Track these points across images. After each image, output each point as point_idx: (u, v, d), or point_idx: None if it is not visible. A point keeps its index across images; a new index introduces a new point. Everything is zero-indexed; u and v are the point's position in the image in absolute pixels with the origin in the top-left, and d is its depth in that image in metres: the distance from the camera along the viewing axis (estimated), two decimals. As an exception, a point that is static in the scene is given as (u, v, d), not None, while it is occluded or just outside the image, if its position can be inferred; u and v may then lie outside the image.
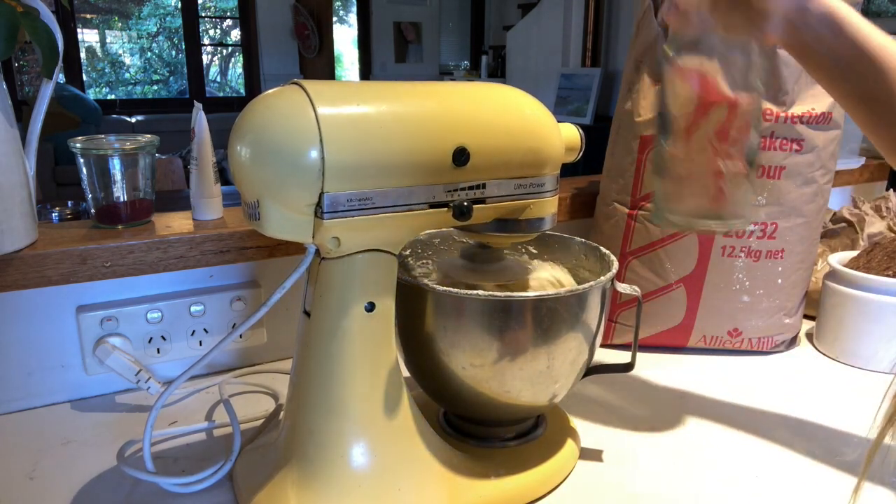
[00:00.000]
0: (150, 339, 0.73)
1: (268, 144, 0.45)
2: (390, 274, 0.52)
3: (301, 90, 0.46)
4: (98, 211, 0.71)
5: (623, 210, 0.83)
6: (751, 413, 0.73)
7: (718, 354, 0.85)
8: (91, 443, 0.66)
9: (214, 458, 0.62)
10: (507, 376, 0.56)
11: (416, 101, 0.50)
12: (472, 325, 0.54)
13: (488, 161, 0.52)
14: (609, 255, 0.62)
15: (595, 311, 0.58)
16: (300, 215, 0.47)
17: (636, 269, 0.83)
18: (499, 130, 0.53)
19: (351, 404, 0.52)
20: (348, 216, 0.48)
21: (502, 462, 0.61)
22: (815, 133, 0.80)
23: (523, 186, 0.55)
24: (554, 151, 0.57)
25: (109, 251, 0.67)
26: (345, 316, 0.51)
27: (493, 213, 0.55)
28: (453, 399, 0.61)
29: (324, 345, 0.52)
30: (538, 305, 0.54)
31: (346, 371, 0.51)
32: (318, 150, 0.45)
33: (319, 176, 0.46)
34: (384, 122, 0.48)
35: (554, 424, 0.67)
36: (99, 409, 0.72)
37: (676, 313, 0.83)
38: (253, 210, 0.48)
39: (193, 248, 0.70)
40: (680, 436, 0.68)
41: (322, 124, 0.45)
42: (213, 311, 0.75)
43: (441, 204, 0.52)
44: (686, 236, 0.80)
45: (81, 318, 0.70)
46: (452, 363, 0.56)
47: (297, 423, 0.54)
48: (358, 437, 0.53)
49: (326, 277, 0.51)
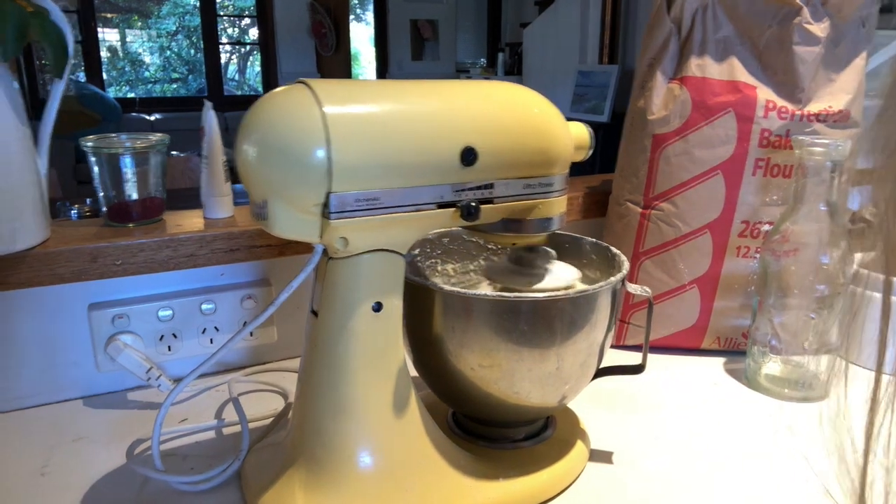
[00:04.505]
0: (161, 336, 0.73)
1: (274, 144, 0.45)
2: (398, 274, 0.52)
3: (308, 89, 0.46)
4: (109, 209, 0.71)
5: (636, 210, 0.82)
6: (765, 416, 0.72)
7: (733, 356, 0.84)
8: (102, 439, 0.66)
9: (224, 457, 0.62)
10: (516, 377, 0.55)
11: (423, 100, 0.50)
12: (480, 326, 0.54)
13: (496, 161, 0.52)
14: (620, 256, 0.62)
15: (605, 313, 0.57)
16: (307, 215, 0.47)
17: (649, 269, 0.82)
18: (507, 130, 0.52)
19: (358, 404, 0.52)
20: (356, 216, 0.47)
21: (511, 463, 0.60)
22: (833, 132, 0.78)
23: (532, 186, 0.55)
24: (563, 151, 0.56)
25: (120, 249, 0.67)
26: (352, 316, 0.51)
27: (500, 213, 0.55)
28: (462, 400, 0.61)
29: (331, 344, 0.51)
30: (547, 306, 0.53)
31: (353, 371, 0.51)
32: (325, 149, 0.45)
33: (326, 176, 0.45)
34: (391, 121, 0.48)
35: (564, 426, 0.66)
36: (111, 406, 0.72)
37: (690, 314, 0.82)
38: (260, 210, 0.48)
39: (203, 246, 0.70)
40: (691, 439, 0.67)
41: (329, 124, 0.45)
42: (223, 310, 0.76)
43: (449, 204, 0.51)
44: (700, 236, 0.79)
45: (93, 315, 0.70)
46: (461, 364, 0.56)
47: (305, 423, 0.54)
48: (365, 437, 0.52)
49: (334, 277, 0.51)
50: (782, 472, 0.62)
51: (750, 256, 0.80)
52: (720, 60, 0.78)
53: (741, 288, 0.81)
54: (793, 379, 0.77)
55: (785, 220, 0.74)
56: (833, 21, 0.77)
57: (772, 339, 0.76)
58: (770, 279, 0.75)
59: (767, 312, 0.75)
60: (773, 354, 0.77)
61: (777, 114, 0.76)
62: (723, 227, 0.79)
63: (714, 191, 0.78)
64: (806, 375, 0.76)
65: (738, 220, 0.79)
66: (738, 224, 0.79)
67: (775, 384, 0.77)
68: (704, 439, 0.67)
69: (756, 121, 0.76)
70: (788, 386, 0.76)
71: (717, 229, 0.79)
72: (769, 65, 0.78)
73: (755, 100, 0.76)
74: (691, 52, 0.78)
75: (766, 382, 0.77)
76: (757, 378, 0.78)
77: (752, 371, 0.78)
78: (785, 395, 0.76)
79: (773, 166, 0.77)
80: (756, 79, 0.77)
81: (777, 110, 0.76)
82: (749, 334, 0.78)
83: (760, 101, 0.76)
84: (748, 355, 0.79)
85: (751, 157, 0.77)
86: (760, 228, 0.79)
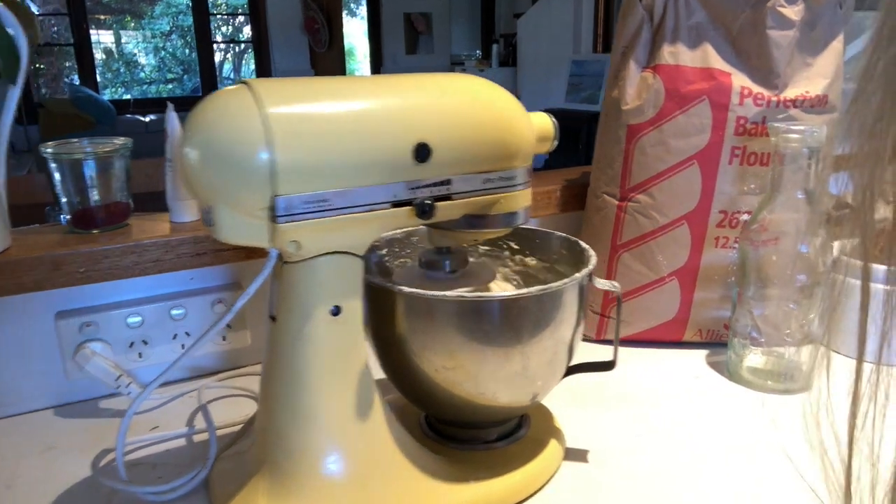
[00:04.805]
0: (131, 343, 0.72)
1: (215, 148, 0.44)
2: (355, 276, 0.51)
3: (249, 90, 0.45)
4: (73, 216, 0.70)
5: (612, 202, 0.81)
6: (746, 408, 0.70)
7: (716, 348, 0.83)
8: (72, 449, 0.65)
9: (193, 465, 0.61)
10: (482, 378, 0.54)
11: (372, 96, 0.49)
12: (442, 328, 0.53)
13: (452, 156, 0.51)
14: (588, 251, 0.60)
15: (572, 310, 0.56)
16: (254, 220, 0.46)
17: (627, 262, 0.81)
18: (462, 123, 0.51)
19: (319, 410, 0.51)
20: (305, 219, 0.46)
21: (483, 465, 0.59)
22: (811, 117, 0.77)
23: (492, 181, 0.54)
24: (523, 143, 0.55)
25: (83, 257, 0.66)
26: (309, 320, 0.49)
27: (461, 210, 0.53)
28: (430, 402, 0.60)
29: (289, 350, 0.50)
30: (509, 306, 0.52)
31: (312, 377, 0.50)
32: (268, 151, 0.44)
33: (270, 178, 0.44)
34: (338, 119, 0.46)
35: (538, 424, 0.65)
36: (82, 415, 0.71)
37: (670, 307, 0.81)
38: (207, 216, 0.46)
39: (169, 251, 0.69)
40: (671, 435, 0.66)
41: (271, 124, 0.44)
42: (194, 314, 0.75)
43: (404, 202, 0.50)
44: (678, 227, 0.78)
45: (60, 324, 0.69)
46: (425, 366, 0.55)
47: (267, 431, 0.53)
48: (328, 444, 0.51)
49: (289, 281, 0.50)
50: (764, 466, 0.61)
51: (729, 247, 0.78)
52: (693, 47, 0.76)
53: (721, 279, 0.80)
54: (775, 371, 0.75)
55: (762, 209, 0.73)
56: (808, 3, 0.75)
57: (752, 330, 0.74)
58: (749, 269, 0.73)
59: (747, 304, 0.74)
60: (755, 346, 0.75)
61: (753, 100, 0.75)
62: (700, 218, 0.77)
63: (690, 181, 0.76)
64: (788, 367, 0.75)
65: (716, 211, 0.77)
66: (716, 214, 0.77)
67: (757, 376, 0.75)
68: (684, 435, 0.66)
69: (731, 108, 0.75)
70: (771, 378, 0.75)
71: (695, 220, 0.78)
72: (743, 50, 0.76)
73: (730, 87, 0.75)
74: (664, 40, 0.76)
75: (748, 375, 0.76)
76: (739, 371, 0.76)
77: (734, 364, 0.77)
78: (767, 387, 0.74)
79: (749, 154, 0.76)
80: (730, 65, 0.76)
81: (753, 97, 0.75)
82: (730, 326, 0.77)
83: (735, 88, 0.75)
84: (729, 347, 0.77)
85: (727, 146, 0.75)
86: (739, 218, 0.78)
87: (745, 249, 0.73)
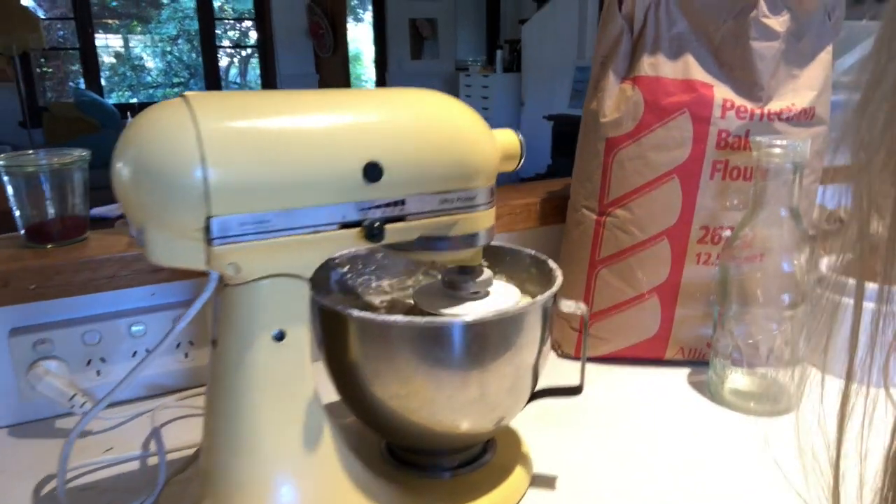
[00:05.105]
0: (88, 361, 0.70)
1: (145, 165, 0.41)
2: (301, 300, 0.48)
3: (185, 104, 0.43)
4: (27, 230, 0.68)
5: (591, 216, 0.78)
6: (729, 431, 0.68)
7: (698, 367, 0.80)
8: (24, 472, 0.63)
9: (143, 491, 0.59)
10: (437, 406, 0.52)
11: (318, 112, 0.46)
12: (393, 353, 0.50)
13: (406, 176, 0.48)
14: (556, 270, 0.58)
15: (535, 334, 0.53)
16: (189, 241, 0.43)
17: (606, 278, 0.78)
18: (417, 141, 0.48)
19: (262, 441, 0.48)
20: (243, 241, 0.44)
21: (444, 493, 0.57)
22: (797, 130, 0.74)
23: (450, 201, 0.51)
24: (485, 161, 0.52)
25: (34, 272, 0.64)
26: (251, 346, 0.47)
27: (417, 231, 0.51)
28: (387, 429, 0.57)
29: (231, 377, 0.48)
30: (464, 331, 0.50)
31: (254, 405, 0.48)
32: (201, 169, 0.41)
33: (204, 198, 0.42)
34: (280, 136, 0.44)
35: (504, 449, 0.62)
36: (38, 436, 0.69)
37: (651, 324, 0.78)
38: (140, 236, 0.44)
39: (124, 267, 0.67)
40: (646, 458, 0.63)
41: (205, 141, 0.41)
42: (154, 331, 0.72)
43: (354, 224, 0.47)
44: (658, 243, 0.75)
45: (13, 341, 0.67)
46: (379, 392, 0.52)
47: (210, 460, 0.50)
48: (273, 476, 0.49)
49: (230, 305, 0.47)
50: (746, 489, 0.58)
51: (711, 263, 0.76)
52: (674, 58, 0.73)
53: (703, 296, 0.77)
54: (758, 392, 0.72)
55: (745, 225, 0.70)
56: (794, 14, 0.73)
57: (734, 351, 0.71)
58: (730, 287, 0.70)
59: (728, 323, 0.71)
60: (736, 367, 0.73)
61: (735, 113, 0.72)
62: (681, 234, 0.75)
63: (670, 196, 0.74)
64: (772, 388, 0.72)
65: (697, 226, 0.74)
66: (697, 230, 0.75)
67: (740, 398, 0.73)
68: (660, 458, 0.63)
69: (713, 121, 0.72)
70: (754, 399, 0.72)
71: (675, 236, 0.75)
72: (726, 62, 0.73)
73: (712, 99, 0.72)
74: (644, 50, 0.74)
75: (731, 396, 0.73)
76: (721, 392, 0.73)
77: (715, 385, 0.74)
78: (750, 409, 0.71)
79: (732, 169, 0.73)
80: (713, 77, 0.73)
81: (735, 109, 0.72)
82: (711, 346, 0.74)
83: (717, 101, 0.72)
84: (711, 368, 0.75)
85: (708, 160, 0.73)
86: (721, 234, 0.75)
87: (726, 266, 0.71)
